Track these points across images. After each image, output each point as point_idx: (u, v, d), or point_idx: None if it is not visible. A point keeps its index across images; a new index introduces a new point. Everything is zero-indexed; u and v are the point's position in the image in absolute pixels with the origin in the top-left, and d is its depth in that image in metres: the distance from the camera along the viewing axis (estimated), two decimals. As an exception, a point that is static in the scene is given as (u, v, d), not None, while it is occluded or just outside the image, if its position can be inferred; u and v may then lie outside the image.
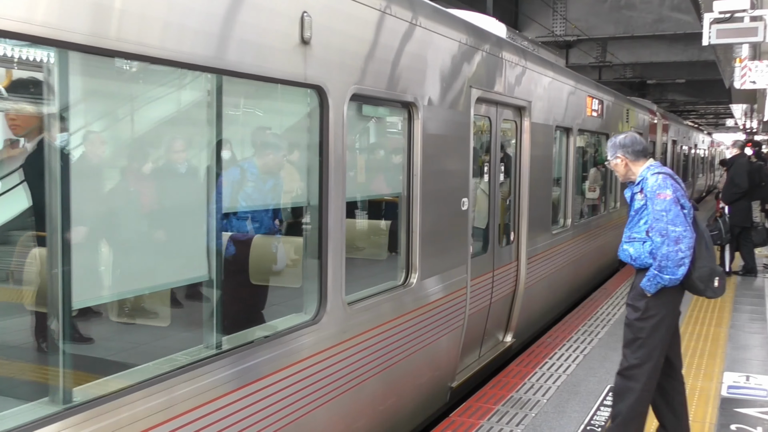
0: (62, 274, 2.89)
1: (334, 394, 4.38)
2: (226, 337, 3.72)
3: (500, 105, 7.09)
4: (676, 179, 4.58)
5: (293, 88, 4.07)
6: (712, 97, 31.61)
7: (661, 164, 4.80)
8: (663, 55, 21.48)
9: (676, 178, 4.60)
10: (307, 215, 4.30)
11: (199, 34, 3.28)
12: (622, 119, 12.97)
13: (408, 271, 5.40)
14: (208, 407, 3.38)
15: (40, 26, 2.55)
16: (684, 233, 4.35)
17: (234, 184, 4.08)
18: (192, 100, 3.67)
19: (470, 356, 6.85)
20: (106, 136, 3.36)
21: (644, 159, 4.73)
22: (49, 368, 3.08)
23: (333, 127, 4.24)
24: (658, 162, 4.87)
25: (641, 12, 18.78)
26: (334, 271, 4.31)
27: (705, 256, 4.46)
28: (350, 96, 4.39)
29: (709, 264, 4.46)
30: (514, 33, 9.56)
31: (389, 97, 4.95)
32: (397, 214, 5.42)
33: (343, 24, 4.34)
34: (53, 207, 2.85)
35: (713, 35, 8.91)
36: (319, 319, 4.23)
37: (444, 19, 5.71)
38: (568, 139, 9.72)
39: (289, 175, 4.41)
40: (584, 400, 6.07)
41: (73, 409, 2.80)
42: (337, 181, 4.31)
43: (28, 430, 2.62)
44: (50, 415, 2.73)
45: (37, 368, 3.36)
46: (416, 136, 5.31)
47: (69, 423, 2.74)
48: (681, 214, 4.39)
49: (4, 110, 3.56)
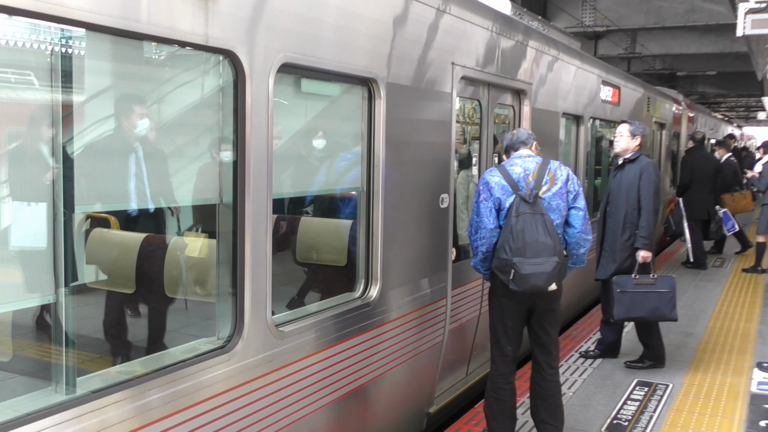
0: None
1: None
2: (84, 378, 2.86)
3: (493, 87, 6.15)
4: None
5: (192, 53, 3.19)
6: (744, 89, 31.05)
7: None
8: (694, 47, 20.99)
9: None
10: (218, 216, 3.42)
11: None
12: (643, 108, 11.92)
13: (367, 282, 4.51)
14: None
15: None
16: (480, 222, 4.54)
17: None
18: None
19: (454, 375, 5.95)
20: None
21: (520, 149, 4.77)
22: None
23: (252, 105, 3.35)
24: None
25: (672, 2, 18.24)
26: (255, 285, 3.43)
27: (510, 248, 4.35)
28: (278, 67, 3.50)
29: (508, 256, 4.35)
30: (543, 23, 8.88)
31: (339, 70, 4.03)
32: (356, 212, 4.54)
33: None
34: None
35: (748, 25, 8.72)
36: (231, 347, 3.36)
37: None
38: (578, 128, 8.73)
39: (184, 164, 3.51)
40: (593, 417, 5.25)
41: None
42: (259, 174, 3.43)
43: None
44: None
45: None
46: (378, 120, 4.41)
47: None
48: (486, 207, 4.52)
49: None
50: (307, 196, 5.08)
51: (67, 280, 2.90)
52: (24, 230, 2.76)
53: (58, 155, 2.78)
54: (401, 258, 4.76)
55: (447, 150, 5.28)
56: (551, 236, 4.36)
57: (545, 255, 4.33)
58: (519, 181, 4.53)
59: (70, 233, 2.89)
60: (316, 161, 4.53)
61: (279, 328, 3.66)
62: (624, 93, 10.64)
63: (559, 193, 4.56)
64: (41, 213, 2.77)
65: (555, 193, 4.54)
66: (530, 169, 4.58)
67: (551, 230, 4.39)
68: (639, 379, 6.32)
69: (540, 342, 4.78)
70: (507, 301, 4.64)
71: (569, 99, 8.05)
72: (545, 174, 4.56)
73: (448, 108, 5.23)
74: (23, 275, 2.82)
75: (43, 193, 2.80)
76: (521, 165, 4.61)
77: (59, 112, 2.79)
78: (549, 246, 4.34)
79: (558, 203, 4.55)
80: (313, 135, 4.55)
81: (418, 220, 4.96)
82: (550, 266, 4.32)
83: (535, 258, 4.32)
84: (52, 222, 2.80)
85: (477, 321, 6.08)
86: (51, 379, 2.89)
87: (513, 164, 4.64)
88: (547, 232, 4.36)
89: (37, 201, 2.76)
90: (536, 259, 4.32)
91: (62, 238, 2.80)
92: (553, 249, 4.35)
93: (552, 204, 4.53)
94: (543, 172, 4.57)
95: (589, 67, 8.85)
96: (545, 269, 4.32)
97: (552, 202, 4.53)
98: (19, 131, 2.79)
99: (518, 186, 4.51)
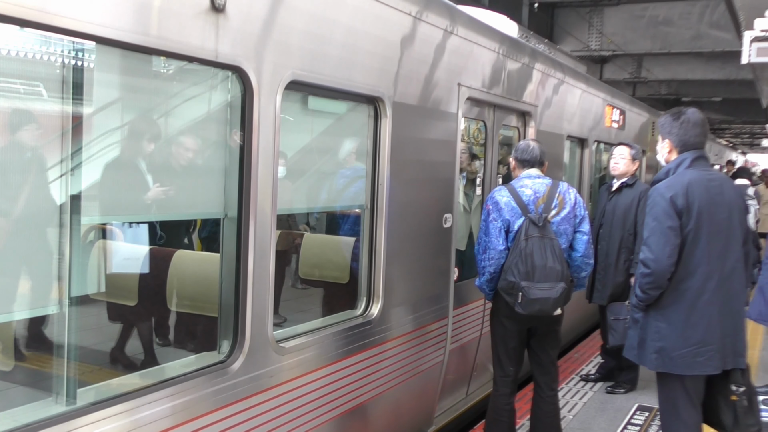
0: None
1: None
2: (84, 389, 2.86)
3: (499, 108, 6.17)
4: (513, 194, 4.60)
5: (203, 69, 3.22)
6: (748, 116, 31.04)
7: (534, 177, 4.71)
8: (699, 73, 21.19)
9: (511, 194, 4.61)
10: (222, 228, 3.43)
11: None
12: (648, 132, 11.95)
13: (369, 299, 4.50)
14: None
15: None
16: (489, 243, 4.53)
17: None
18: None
19: (454, 395, 5.92)
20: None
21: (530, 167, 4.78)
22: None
23: (260, 120, 3.37)
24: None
25: (679, 28, 18.38)
26: (258, 300, 3.43)
27: (519, 271, 4.35)
28: (286, 83, 3.53)
29: (516, 279, 4.35)
30: (550, 46, 8.95)
31: (347, 88, 4.06)
32: (360, 230, 4.54)
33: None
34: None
35: (753, 53, 8.72)
36: (232, 362, 3.36)
37: (424, 0, 4.80)
38: (582, 151, 8.75)
39: (193, 178, 3.52)
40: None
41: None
42: (265, 188, 3.44)
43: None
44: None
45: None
46: (384, 139, 4.42)
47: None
48: (495, 227, 4.52)
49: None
50: (311, 212, 5.10)
51: (71, 291, 2.91)
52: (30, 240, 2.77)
53: (66, 165, 2.80)
54: (403, 276, 4.76)
55: (451, 170, 5.30)
56: (559, 261, 4.37)
57: (553, 280, 4.33)
58: (529, 203, 4.53)
59: (77, 243, 2.90)
60: (321, 178, 4.54)
61: (280, 344, 3.65)
62: (629, 117, 10.66)
63: (567, 217, 4.56)
64: (47, 223, 2.78)
65: (563, 217, 4.55)
66: (540, 192, 4.58)
67: (559, 255, 4.39)
68: (640, 404, 6.29)
69: (540, 363, 4.77)
70: (509, 321, 4.64)
71: (574, 122, 8.08)
72: (555, 197, 4.56)
73: (454, 128, 5.25)
74: (27, 285, 2.83)
75: (49, 202, 2.82)
76: (531, 187, 4.60)
77: (69, 123, 2.82)
78: (557, 271, 4.34)
79: (566, 227, 4.56)
80: (319, 152, 4.57)
81: (421, 239, 4.97)
82: (557, 292, 4.32)
83: (543, 282, 4.33)
84: (58, 232, 2.81)
85: (478, 341, 6.06)
86: (52, 390, 2.88)
87: (523, 185, 4.63)
88: (555, 257, 4.37)
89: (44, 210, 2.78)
90: (544, 284, 4.33)
91: (68, 249, 2.81)
92: (561, 274, 4.35)
93: (560, 228, 4.53)
94: (553, 195, 4.57)
95: (594, 91, 8.88)
96: (552, 294, 4.32)
97: (560, 226, 4.53)
98: (23, 140, 2.82)
99: (528, 209, 4.50)
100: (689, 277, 3.92)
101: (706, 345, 3.92)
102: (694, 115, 4.10)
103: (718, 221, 3.96)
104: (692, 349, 3.91)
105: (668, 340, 3.95)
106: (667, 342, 3.96)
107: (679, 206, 3.90)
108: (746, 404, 4.08)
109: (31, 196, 2.75)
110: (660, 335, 3.98)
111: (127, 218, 3.48)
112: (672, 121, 4.13)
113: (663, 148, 4.21)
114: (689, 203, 3.91)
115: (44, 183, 2.79)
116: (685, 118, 4.08)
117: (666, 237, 3.88)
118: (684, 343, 3.92)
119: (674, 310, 3.95)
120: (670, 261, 3.88)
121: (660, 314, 3.99)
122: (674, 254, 3.89)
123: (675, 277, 3.93)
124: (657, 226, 3.92)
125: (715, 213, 3.95)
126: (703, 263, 3.92)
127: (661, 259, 3.88)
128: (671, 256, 3.88)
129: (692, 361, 3.94)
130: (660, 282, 3.92)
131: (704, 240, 3.92)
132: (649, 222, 3.99)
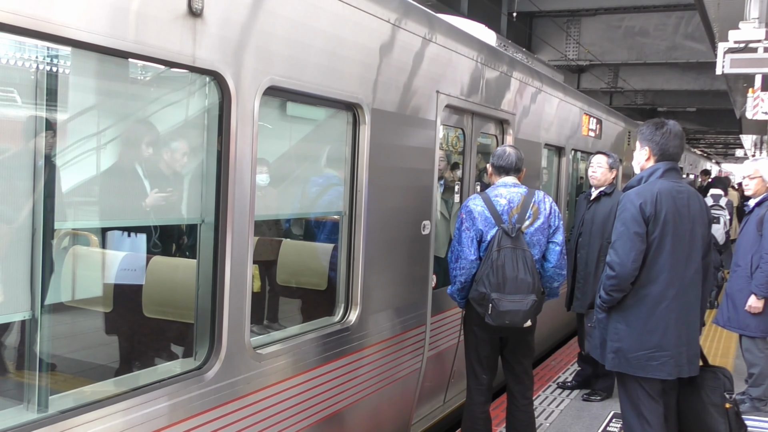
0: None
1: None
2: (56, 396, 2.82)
3: (477, 116, 6.21)
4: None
5: (180, 75, 3.20)
6: (723, 126, 31.58)
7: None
8: (675, 83, 21.58)
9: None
10: (199, 234, 3.41)
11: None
12: (624, 141, 12.07)
13: (347, 306, 4.50)
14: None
15: None
16: (461, 252, 4.53)
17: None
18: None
19: (432, 403, 5.92)
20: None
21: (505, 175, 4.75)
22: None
23: (238, 126, 3.36)
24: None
25: (655, 39, 18.79)
26: (234, 306, 3.41)
27: (490, 282, 4.35)
28: (265, 89, 3.52)
29: (486, 290, 4.35)
30: (528, 55, 9.02)
31: (326, 95, 4.06)
32: (338, 236, 4.53)
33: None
34: None
35: (727, 64, 8.95)
36: (208, 369, 3.33)
37: (403, 8, 4.82)
38: (559, 159, 8.82)
39: (170, 183, 3.50)
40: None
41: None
42: (243, 194, 3.43)
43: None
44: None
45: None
46: (362, 145, 4.43)
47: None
48: (467, 236, 4.52)
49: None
50: (288, 218, 5.08)
51: (44, 298, 2.87)
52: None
53: (39, 171, 2.76)
54: (382, 283, 4.75)
55: (430, 177, 5.31)
56: (531, 273, 4.36)
57: (524, 292, 4.33)
58: (503, 213, 4.51)
59: (49, 250, 2.87)
60: (299, 184, 4.53)
61: (257, 351, 3.63)
62: (606, 126, 10.77)
63: (541, 228, 4.56)
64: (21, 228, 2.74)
65: (537, 227, 4.54)
66: (515, 201, 4.56)
67: (531, 267, 4.38)
68: (615, 411, 6.32)
69: (514, 372, 4.78)
70: (480, 330, 4.65)
71: (552, 130, 8.14)
72: (529, 207, 4.55)
73: (432, 135, 5.27)
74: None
75: (23, 208, 2.78)
76: (506, 196, 4.58)
77: (42, 129, 2.79)
78: (528, 283, 4.34)
79: (539, 238, 4.56)
80: (297, 158, 4.56)
81: (400, 245, 4.97)
82: (527, 304, 4.33)
83: (514, 294, 4.33)
84: (31, 238, 2.77)
85: (456, 349, 6.06)
86: (23, 398, 2.84)
87: (498, 194, 4.60)
88: (527, 269, 4.36)
89: (17, 216, 2.74)
90: (515, 296, 4.33)
91: (41, 255, 2.77)
92: (532, 286, 4.35)
93: (533, 239, 4.53)
94: (528, 204, 4.55)
95: (571, 100, 8.96)
96: (522, 307, 4.32)
97: (534, 236, 4.53)
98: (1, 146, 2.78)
99: (501, 219, 4.49)
100: (651, 283, 4.06)
101: (662, 350, 4.06)
102: (675, 127, 4.26)
103: (681, 232, 4.09)
104: (647, 352, 4.06)
105: (626, 342, 4.10)
106: (625, 343, 4.11)
107: (647, 213, 4.03)
108: (737, 410, 4.23)
109: (2, 202, 2.71)
110: (618, 336, 4.14)
111: (102, 224, 3.44)
112: (654, 129, 4.25)
113: (641, 155, 4.31)
114: (657, 211, 4.03)
115: (16, 189, 2.75)
116: (668, 129, 4.23)
117: (632, 242, 4.02)
118: (640, 346, 4.07)
119: (634, 314, 4.09)
120: (635, 266, 4.02)
121: (621, 316, 4.13)
122: (639, 259, 4.02)
123: (638, 282, 4.07)
124: (624, 231, 4.06)
125: (680, 223, 4.08)
126: (665, 270, 4.05)
127: (625, 263, 4.01)
128: (636, 261, 4.02)
129: (646, 363, 4.08)
130: (623, 285, 4.05)
131: (668, 248, 4.05)
132: (618, 226, 4.13)
